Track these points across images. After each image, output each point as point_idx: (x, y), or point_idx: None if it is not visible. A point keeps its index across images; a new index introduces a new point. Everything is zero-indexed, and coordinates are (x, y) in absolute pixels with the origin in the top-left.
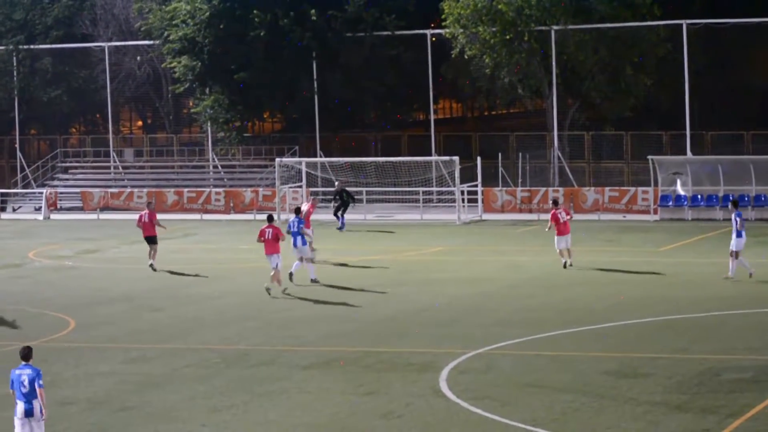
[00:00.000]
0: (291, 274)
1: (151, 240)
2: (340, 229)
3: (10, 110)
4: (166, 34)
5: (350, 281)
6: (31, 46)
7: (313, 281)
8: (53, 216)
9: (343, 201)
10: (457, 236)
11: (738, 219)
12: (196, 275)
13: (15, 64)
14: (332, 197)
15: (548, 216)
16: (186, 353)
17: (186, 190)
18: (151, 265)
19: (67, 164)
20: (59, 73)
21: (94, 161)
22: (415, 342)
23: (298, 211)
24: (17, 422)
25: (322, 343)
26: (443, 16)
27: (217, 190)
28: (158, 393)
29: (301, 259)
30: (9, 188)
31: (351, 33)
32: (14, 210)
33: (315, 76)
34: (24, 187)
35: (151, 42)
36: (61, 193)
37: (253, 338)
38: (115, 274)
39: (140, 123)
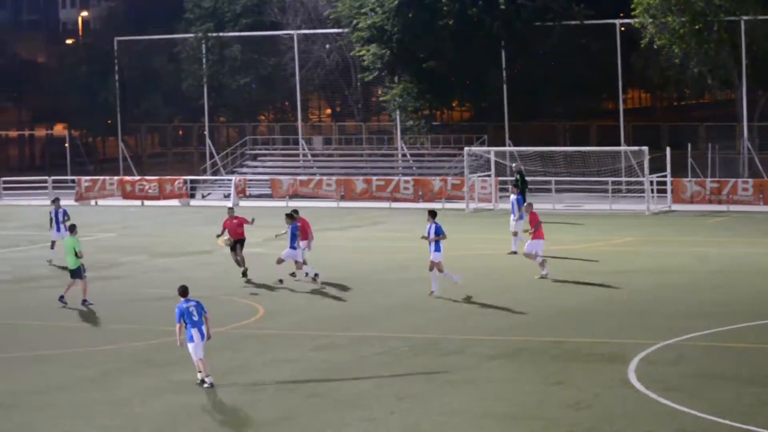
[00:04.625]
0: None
1: (241, 243)
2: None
3: (200, 98)
4: (354, 22)
5: (538, 271)
6: (221, 34)
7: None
8: (242, 203)
9: (519, 186)
10: (646, 227)
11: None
12: (385, 263)
13: (204, 51)
14: (514, 180)
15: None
16: (374, 341)
17: (375, 178)
18: (245, 272)
19: (256, 151)
20: (248, 61)
21: (283, 149)
22: (602, 332)
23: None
24: (191, 347)
25: (509, 333)
26: (632, 6)
27: (406, 178)
28: (346, 380)
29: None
30: (199, 175)
31: (540, 22)
32: (203, 197)
33: (504, 65)
34: (213, 174)
35: (340, 30)
36: (250, 180)
37: (440, 327)
38: None
39: (329, 111)
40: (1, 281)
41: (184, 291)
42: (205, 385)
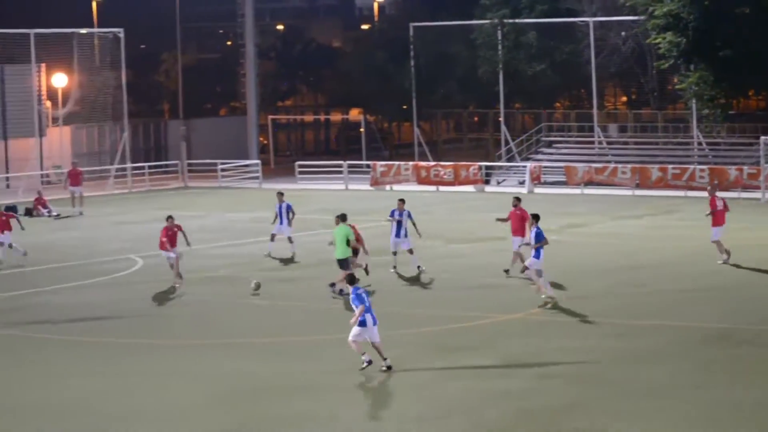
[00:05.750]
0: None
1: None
2: None
3: (495, 84)
4: (650, 9)
5: None
6: (516, 20)
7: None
8: (537, 190)
9: None
10: None
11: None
12: (679, 252)
13: (500, 37)
14: None
15: None
16: (667, 330)
17: (670, 166)
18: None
19: (551, 138)
20: (544, 48)
21: (578, 136)
22: None
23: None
24: (362, 330)
25: None
26: None
27: (701, 167)
28: (640, 369)
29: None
30: (493, 161)
31: None
32: (498, 183)
33: None
34: (508, 160)
35: (636, 18)
36: (545, 167)
37: (731, 317)
38: (595, 249)
39: (624, 98)
40: (293, 266)
41: (352, 279)
42: (383, 368)
